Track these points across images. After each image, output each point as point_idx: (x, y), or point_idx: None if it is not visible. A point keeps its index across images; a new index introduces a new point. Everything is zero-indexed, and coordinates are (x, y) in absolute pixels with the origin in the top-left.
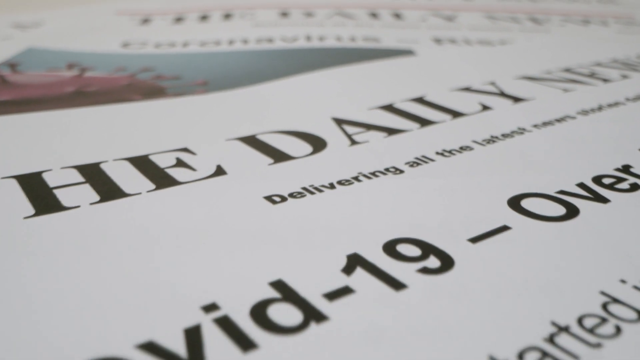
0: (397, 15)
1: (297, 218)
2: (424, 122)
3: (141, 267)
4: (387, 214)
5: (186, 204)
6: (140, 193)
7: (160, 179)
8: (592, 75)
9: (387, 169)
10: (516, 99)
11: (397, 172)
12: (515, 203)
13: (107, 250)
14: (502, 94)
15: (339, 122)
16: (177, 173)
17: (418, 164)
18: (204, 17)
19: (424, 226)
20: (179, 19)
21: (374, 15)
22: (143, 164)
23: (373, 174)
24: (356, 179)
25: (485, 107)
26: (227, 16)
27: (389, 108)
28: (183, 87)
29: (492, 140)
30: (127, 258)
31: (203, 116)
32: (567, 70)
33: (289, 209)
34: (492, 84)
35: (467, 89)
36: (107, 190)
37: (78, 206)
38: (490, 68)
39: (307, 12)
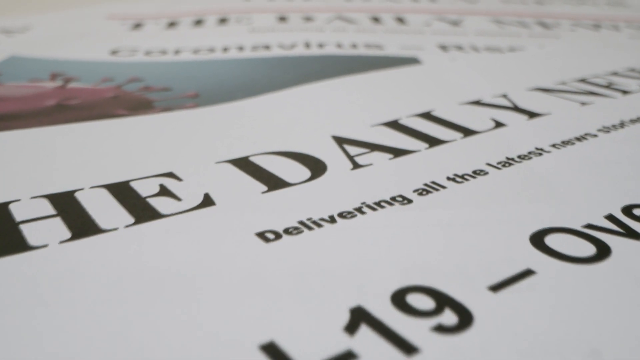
0: (400, 20)
1: (293, 260)
2: (432, 141)
3: (110, 323)
4: (394, 255)
5: (167, 242)
6: (117, 229)
7: (141, 210)
8: (609, 86)
9: (393, 198)
10: (531, 114)
11: (405, 201)
12: (538, 240)
13: (73, 301)
14: (516, 108)
15: (340, 141)
16: (160, 203)
17: (428, 191)
18: (198, 22)
19: (437, 270)
20: (172, 24)
21: (376, 19)
22: (123, 192)
23: (378, 204)
24: (359, 210)
25: (498, 124)
26: (223, 21)
27: (394, 125)
28: (172, 101)
29: (507, 163)
30: (96, 311)
31: (192, 135)
32: (583, 80)
33: (283, 248)
34: (504, 96)
35: (478, 103)
36: (80, 225)
37: (46, 245)
38: (501, 78)
39: (306, 17)
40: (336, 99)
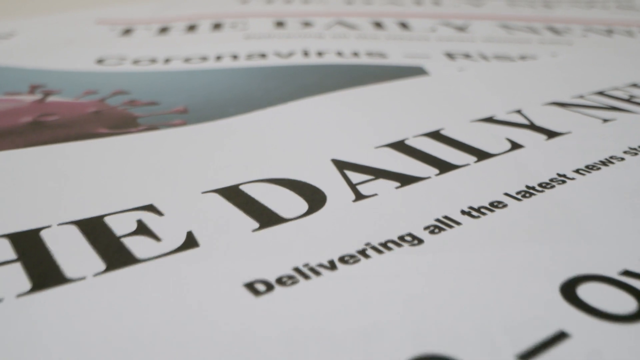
0: (404, 25)
1: (287, 321)
2: (443, 165)
3: None
4: (406, 314)
5: (142, 295)
6: (84, 278)
7: (114, 253)
8: (630, 99)
9: (402, 238)
10: (549, 133)
11: (415, 241)
12: (569, 291)
13: None
14: (532, 126)
15: (341, 165)
16: (136, 245)
17: (440, 228)
18: (191, 27)
19: (456, 335)
20: (164, 29)
21: (378, 24)
22: (95, 230)
23: (384, 245)
24: (363, 253)
25: (514, 145)
26: (217, 26)
27: (401, 146)
28: (158, 117)
29: (528, 192)
30: None
31: (177, 159)
32: (601, 93)
33: (276, 304)
34: (519, 112)
35: (491, 120)
36: (43, 272)
37: (1, 300)
38: (514, 91)
39: (305, 22)
40: (336, 115)
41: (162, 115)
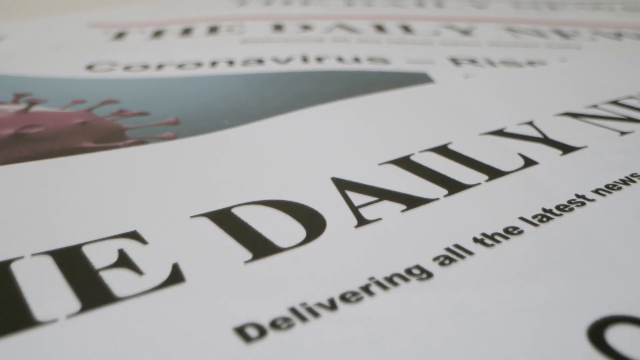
0: (406, 28)
1: None
2: (452, 185)
3: None
4: None
5: (119, 341)
6: (56, 320)
7: (90, 290)
8: None
9: (409, 271)
10: (564, 148)
11: (424, 275)
12: (597, 335)
13: None
14: (546, 140)
15: (342, 185)
16: (116, 279)
17: (451, 259)
18: (186, 31)
19: None
20: (158, 33)
21: (379, 28)
22: (71, 262)
23: (390, 279)
24: (366, 289)
25: (527, 161)
26: (213, 29)
27: (406, 163)
28: (148, 129)
29: (545, 216)
30: None
31: (165, 178)
32: (615, 102)
33: (269, 352)
34: (530, 124)
35: (501, 133)
36: (10, 314)
37: None
38: (524, 100)
39: (304, 25)
40: (337, 128)
41: (152, 128)
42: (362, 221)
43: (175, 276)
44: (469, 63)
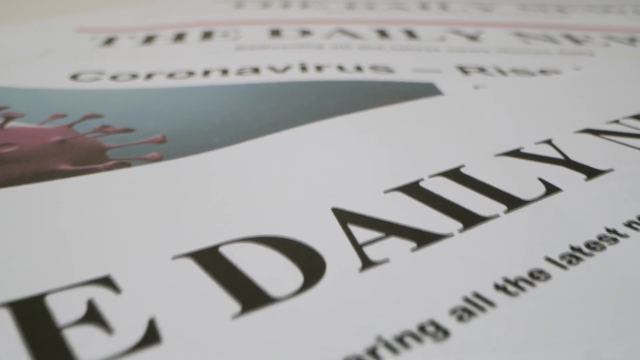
0: (411, 34)
1: None
2: (467, 217)
3: None
4: None
5: None
6: None
7: (51, 354)
8: None
9: (422, 328)
10: (588, 171)
11: (439, 334)
12: None
13: None
14: (567, 162)
15: (344, 217)
16: (81, 341)
17: (470, 312)
18: (179, 36)
19: None
20: (149, 39)
21: (382, 33)
22: (32, 317)
23: (400, 340)
24: (373, 354)
25: (549, 188)
26: (207, 35)
27: (415, 190)
28: (132, 148)
29: (574, 257)
30: None
31: (147, 208)
32: (638, 117)
33: None
34: (549, 142)
35: (518, 154)
36: None
37: None
38: (540, 115)
39: (303, 30)
40: (338, 149)
41: (137, 146)
42: (367, 263)
43: (151, 335)
44: (477, 71)
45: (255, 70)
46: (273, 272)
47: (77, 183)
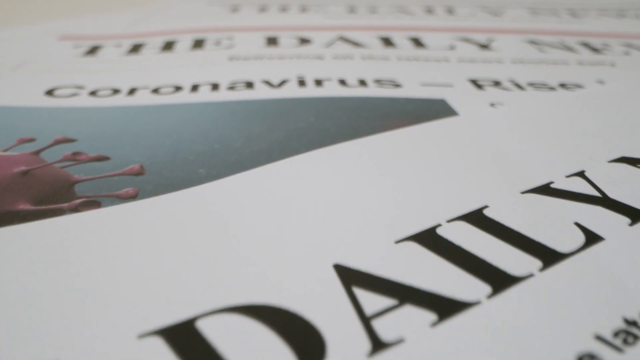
0: (417, 42)
1: None
2: (495, 277)
3: None
4: None
5: None
6: None
7: None
8: None
9: None
10: (632, 213)
11: None
12: None
13: None
14: (606, 201)
15: (348, 277)
16: None
17: None
18: (168, 45)
19: None
20: (136, 47)
21: (386, 41)
22: None
23: None
24: None
25: (589, 235)
26: (198, 43)
27: (432, 239)
28: (104, 183)
29: (630, 334)
30: None
31: (111, 268)
32: None
33: None
34: (582, 175)
35: (548, 190)
36: None
37: None
38: (568, 140)
39: (301, 37)
40: (340, 185)
41: (110, 179)
42: (377, 344)
43: None
44: (492, 85)
45: (249, 85)
46: (260, 356)
47: (34, 230)
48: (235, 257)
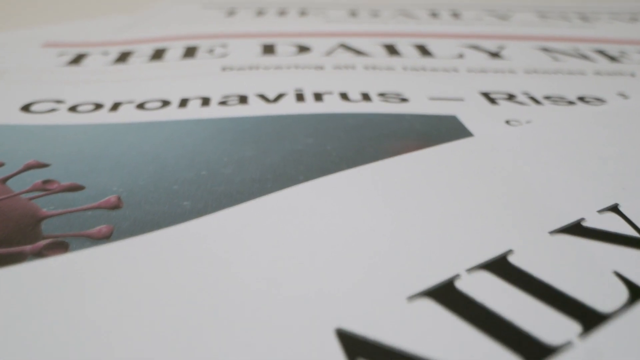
0: (423, 49)
1: None
2: (528, 347)
3: None
4: None
5: None
6: None
7: None
8: None
9: None
10: None
11: None
12: None
13: None
14: None
15: (353, 347)
16: None
17: None
18: (157, 53)
19: None
20: (124, 55)
21: (391, 49)
22: None
23: None
24: None
25: (634, 290)
26: (189, 51)
27: (450, 294)
28: (75, 219)
29: None
30: None
31: (76, 331)
32: None
33: None
34: (616, 209)
35: (580, 229)
36: None
37: None
38: (596, 166)
39: (300, 45)
40: (342, 225)
41: (82, 214)
42: None
43: None
44: (506, 99)
45: (242, 99)
46: None
47: None
48: (217, 323)
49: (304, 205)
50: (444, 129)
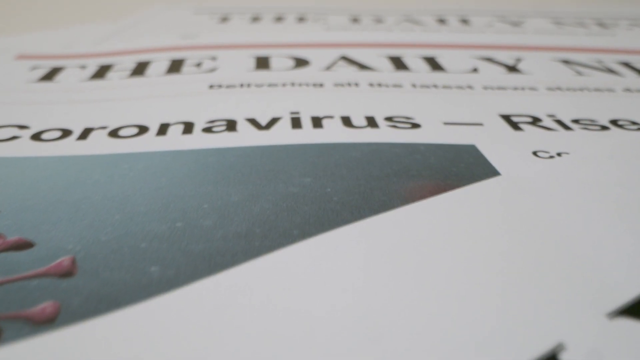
0: (434, 63)
1: None
2: None
3: None
4: None
5: None
6: None
7: None
8: None
9: None
10: None
11: None
12: None
13: None
14: None
15: None
16: None
17: None
18: (139, 67)
19: None
20: (102, 69)
21: (397, 62)
22: None
23: None
24: None
25: None
26: (175, 65)
27: None
28: (15, 291)
29: None
30: None
31: None
32: None
33: None
34: None
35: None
36: None
37: None
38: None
39: (296, 57)
40: (343, 305)
41: (25, 284)
42: None
43: None
44: (530, 123)
45: (230, 125)
46: None
47: None
48: None
49: (298, 272)
50: (463, 164)
